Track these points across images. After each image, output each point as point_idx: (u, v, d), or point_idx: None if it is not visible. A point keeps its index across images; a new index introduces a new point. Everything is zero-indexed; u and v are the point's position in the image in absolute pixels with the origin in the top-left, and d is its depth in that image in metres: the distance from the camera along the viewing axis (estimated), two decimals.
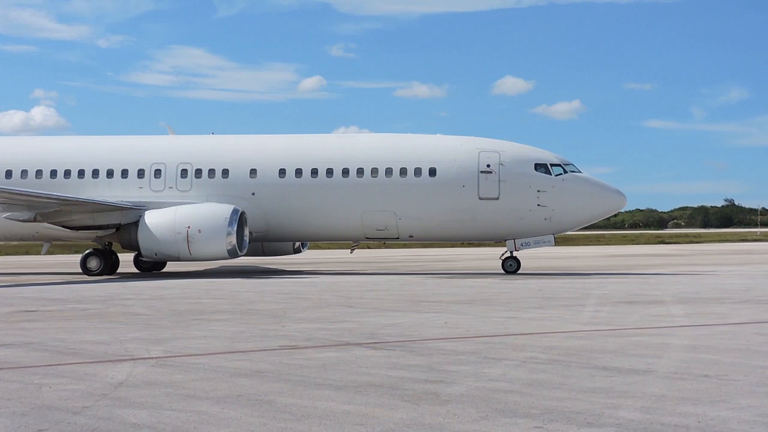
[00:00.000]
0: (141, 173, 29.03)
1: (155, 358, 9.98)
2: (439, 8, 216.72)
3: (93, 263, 28.00)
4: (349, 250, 33.81)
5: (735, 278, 24.78)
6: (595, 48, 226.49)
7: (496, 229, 27.54)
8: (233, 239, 26.47)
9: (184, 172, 28.89)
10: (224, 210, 26.93)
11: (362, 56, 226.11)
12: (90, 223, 27.76)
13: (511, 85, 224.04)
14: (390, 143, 29.24)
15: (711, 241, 75.69)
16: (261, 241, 29.99)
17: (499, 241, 28.79)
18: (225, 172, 28.75)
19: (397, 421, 6.55)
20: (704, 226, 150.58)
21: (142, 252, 27.39)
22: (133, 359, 9.87)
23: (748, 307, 15.93)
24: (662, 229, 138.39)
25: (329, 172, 28.28)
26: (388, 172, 28.00)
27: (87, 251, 28.71)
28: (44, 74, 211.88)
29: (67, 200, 27.37)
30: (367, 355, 9.99)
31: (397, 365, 9.22)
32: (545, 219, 26.96)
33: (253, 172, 28.65)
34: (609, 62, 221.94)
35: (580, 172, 27.54)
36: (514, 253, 27.41)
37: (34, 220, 27.50)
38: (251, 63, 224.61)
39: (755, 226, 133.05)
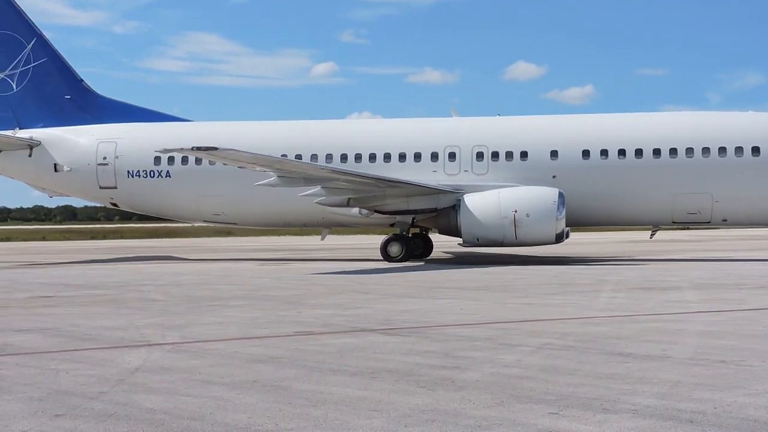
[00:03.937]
0: (434, 156, 27.99)
1: (171, 343, 10.02)
2: None
3: (394, 249, 26.81)
4: (650, 235, 31.71)
5: (752, 264, 24.62)
6: (607, 33, 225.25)
7: None
8: (562, 223, 25.45)
9: (479, 155, 27.70)
10: (551, 193, 25.67)
11: (375, 42, 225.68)
12: (404, 207, 26.70)
13: (523, 70, 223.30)
14: (701, 121, 27.67)
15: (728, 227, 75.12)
16: None
17: None
18: (523, 155, 27.48)
19: (413, 407, 6.54)
20: None
21: (464, 237, 25.98)
22: (149, 345, 9.91)
23: (766, 293, 15.82)
24: None
25: (638, 152, 26.86)
26: (705, 151, 26.45)
27: (388, 237, 27.42)
28: None
29: (398, 183, 26.30)
30: (382, 341, 9.99)
31: (412, 351, 9.22)
32: None
33: (553, 153, 27.32)
34: (622, 47, 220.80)
35: None
36: None
37: (347, 205, 26.58)
38: (265, 49, 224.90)
39: None
